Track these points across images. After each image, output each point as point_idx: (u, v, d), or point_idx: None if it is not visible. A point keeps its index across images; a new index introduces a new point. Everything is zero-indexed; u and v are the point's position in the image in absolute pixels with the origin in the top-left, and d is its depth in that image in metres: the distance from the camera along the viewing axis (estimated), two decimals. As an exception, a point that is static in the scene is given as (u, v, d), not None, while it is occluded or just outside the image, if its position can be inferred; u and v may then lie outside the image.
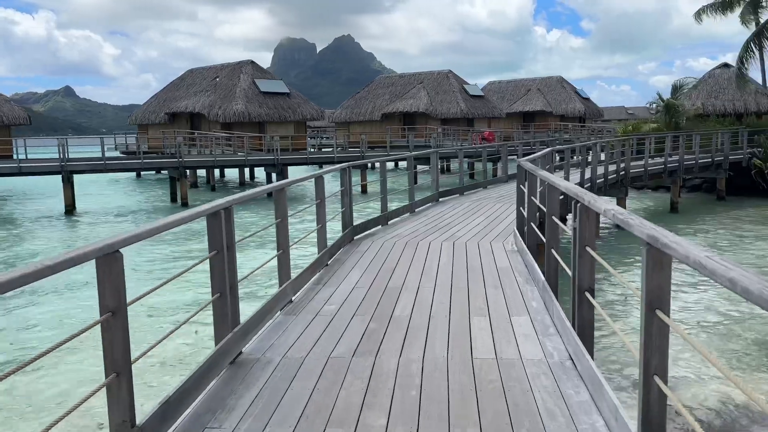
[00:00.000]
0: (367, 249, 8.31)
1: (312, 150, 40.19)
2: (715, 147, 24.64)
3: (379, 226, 10.14)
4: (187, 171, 34.14)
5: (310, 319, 5.25)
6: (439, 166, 16.33)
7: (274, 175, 29.00)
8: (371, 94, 49.73)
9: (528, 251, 7.07)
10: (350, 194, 8.86)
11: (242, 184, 35.65)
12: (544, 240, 5.44)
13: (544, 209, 5.95)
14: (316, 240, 7.26)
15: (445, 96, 46.03)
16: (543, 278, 5.66)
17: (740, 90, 30.77)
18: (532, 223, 7.07)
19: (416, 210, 12.09)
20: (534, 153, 10.86)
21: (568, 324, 4.37)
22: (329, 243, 7.55)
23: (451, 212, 11.80)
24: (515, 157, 20.29)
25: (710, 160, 24.30)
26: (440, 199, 13.80)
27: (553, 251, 5.27)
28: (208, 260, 4.02)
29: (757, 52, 27.70)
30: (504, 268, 6.97)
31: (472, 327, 4.94)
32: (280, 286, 5.64)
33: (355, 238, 9.08)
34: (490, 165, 28.65)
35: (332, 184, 11.57)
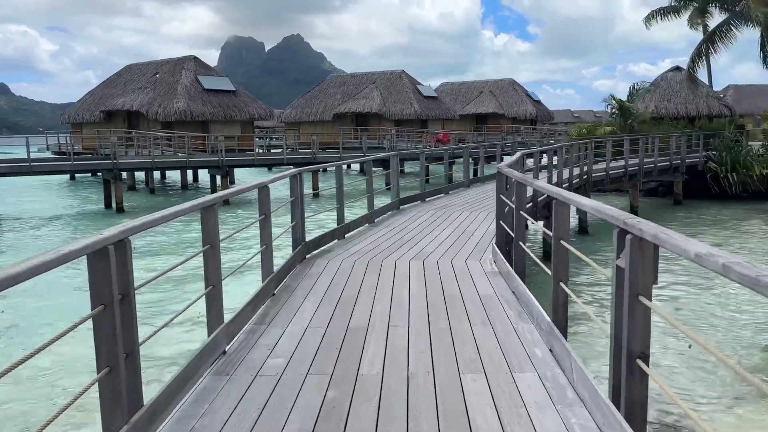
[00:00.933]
0: (322, 271, 6.97)
1: (260, 151, 38.36)
2: (673, 150, 24.44)
3: (336, 241, 8.83)
4: (123, 173, 31.98)
5: (247, 383, 3.89)
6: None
7: (218, 178, 27.19)
8: (322, 94, 48.24)
9: (516, 275, 5.92)
10: (302, 205, 7.50)
11: (184, 188, 33.57)
12: (549, 270, 4.26)
13: (546, 230, 4.78)
14: (260, 264, 5.88)
15: (398, 96, 45.00)
16: (547, 316, 4.48)
17: (692, 92, 30.86)
18: (521, 243, 5.88)
19: (376, 220, 10.81)
20: (497, 155, 9.72)
21: (594, 385, 3.25)
22: (276, 266, 6.19)
23: (415, 222, 10.59)
24: (477, 159, 19.27)
25: (668, 163, 24.05)
26: (401, 207, 12.55)
27: (563, 284, 4.11)
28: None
29: (704, 58, 27.71)
30: (488, 297, 5.77)
31: (466, 392, 3.69)
32: (209, 334, 4.26)
33: (307, 256, 7.73)
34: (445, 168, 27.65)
35: (280, 190, 10.16)
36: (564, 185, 16.27)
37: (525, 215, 5.91)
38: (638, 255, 2.71)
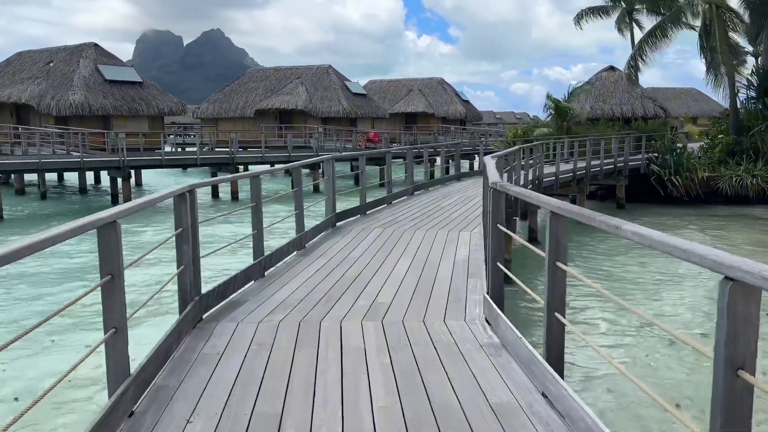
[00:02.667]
0: (221, 352, 4.29)
1: (171, 150, 34.65)
2: (616, 153, 23.31)
3: (251, 284, 6.24)
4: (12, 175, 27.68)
5: None
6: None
7: (119, 181, 23.60)
8: (243, 88, 44.81)
9: (524, 344, 3.66)
10: (194, 241, 4.87)
11: (83, 191, 29.48)
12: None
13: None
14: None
15: (325, 93, 42.33)
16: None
17: (630, 93, 30.12)
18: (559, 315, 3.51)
19: (307, 245, 8.26)
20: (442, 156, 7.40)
21: None
22: (145, 344, 3.58)
23: (359, 249, 8.09)
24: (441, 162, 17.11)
25: (613, 166, 22.87)
26: (337, 224, 10.01)
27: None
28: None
29: (644, 58, 26.84)
30: (502, 406, 3.39)
31: None
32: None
33: (204, 316, 5.11)
34: (386, 173, 25.44)
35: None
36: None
37: (564, 266, 3.50)
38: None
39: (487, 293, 5.04)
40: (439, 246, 8.11)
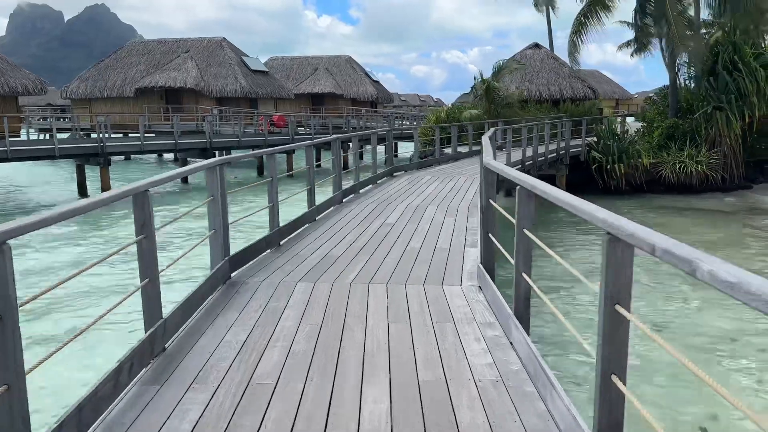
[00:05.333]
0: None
1: (38, 138, 28.42)
2: (559, 139, 20.65)
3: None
4: None
5: None
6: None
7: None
8: (121, 64, 38.54)
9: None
10: None
11: None
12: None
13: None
14: None
15: (219, 69, 37.07)
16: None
17: (559, 69, 27.69)
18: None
19: (234, 275, 4.46)
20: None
21: None
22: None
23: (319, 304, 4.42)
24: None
25: (556, 154, 20.15)
26: (281, 242, 6.47)
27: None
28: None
29: (581, 38, 24.29)
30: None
31: None
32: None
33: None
34: (310, 181, 21.55)
35: None
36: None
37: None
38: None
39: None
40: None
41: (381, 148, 15.71)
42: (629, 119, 37.79)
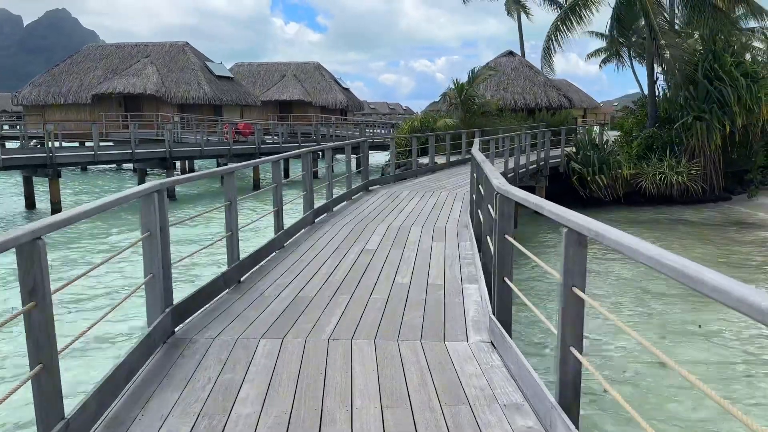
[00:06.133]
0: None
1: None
2: (539, 148, 19.85)
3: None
4: None
5: None
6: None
7: None
8: (77, 68, 36.62)
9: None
10: None
11: None
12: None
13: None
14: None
15: (181, 75, 35.45)
16: None
17: (534, 78, 27.01)
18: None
19: (177, 330, 3.46)
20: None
21: None
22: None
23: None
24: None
25: (536, 165, 19.32)
26: (241, 279, 5.10)
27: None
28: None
29: (556, 43, 23.60)
30: None
31: None
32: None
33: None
34: (275, 195, 20.37)
35: None
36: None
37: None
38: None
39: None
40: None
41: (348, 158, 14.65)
42: (596, 128, 37.48)
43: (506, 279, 3.96)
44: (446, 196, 11.84)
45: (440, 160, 18.70)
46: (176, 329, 4.34)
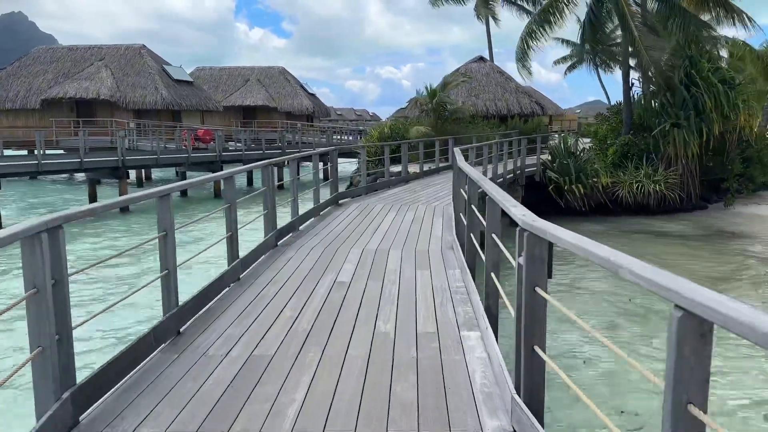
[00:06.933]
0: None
1: None
2: (516, 156, 19.01)
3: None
4: None
5: None
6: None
7: None
8: (25, 72, 34.52)
9: None
10: None
11: None
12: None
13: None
14: None
15: (138, 79, 33.69)
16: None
17: (506, 84, 26.30)
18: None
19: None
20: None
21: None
22: None
23: None
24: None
25: (513, 174, 18.47)
26: (181, 330, 3.98)
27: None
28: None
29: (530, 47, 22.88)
30: None
31: None
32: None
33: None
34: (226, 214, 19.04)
35: None
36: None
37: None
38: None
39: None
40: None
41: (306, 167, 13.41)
42: (570, 135, 37.12)
43: (537, 348, 2.88)
44: (424, 210, 10.79)
45: (412, 168, 17.71)
46: (81, 419, 3.13)
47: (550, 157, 21.36)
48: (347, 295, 5.48)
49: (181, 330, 4.50)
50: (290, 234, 8.32)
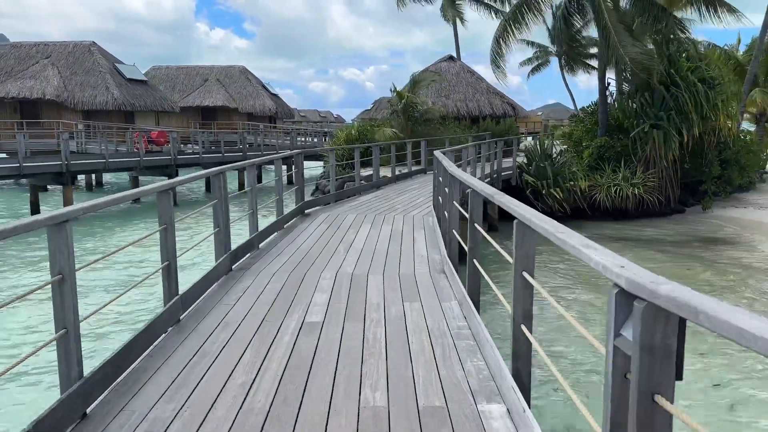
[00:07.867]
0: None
1: None
2: (492, 159, 17.99)
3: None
4: None
5: None
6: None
7: None
8: (-37, 70, 32.07)
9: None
10: None
11: None
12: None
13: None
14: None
15: (87, 78, 31.59)
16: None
17: (477, 84, 25.35)
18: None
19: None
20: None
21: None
22: None
23: None
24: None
25: (489, 178, 17.43)
26: (87, 413, 2.45)
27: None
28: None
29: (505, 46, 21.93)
30: None
31: None
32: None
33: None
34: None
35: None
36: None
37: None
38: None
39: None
40: None
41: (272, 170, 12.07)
42: (529, 138, 36.51)
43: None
44: (402, 221, 9.57)
45: (384, 172, 16.52)
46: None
47: (526, 160, 20.45)
48: (319, 344, 4.21)
49: (87, 412, 3.16)
50: (248, 254, 6.99)
